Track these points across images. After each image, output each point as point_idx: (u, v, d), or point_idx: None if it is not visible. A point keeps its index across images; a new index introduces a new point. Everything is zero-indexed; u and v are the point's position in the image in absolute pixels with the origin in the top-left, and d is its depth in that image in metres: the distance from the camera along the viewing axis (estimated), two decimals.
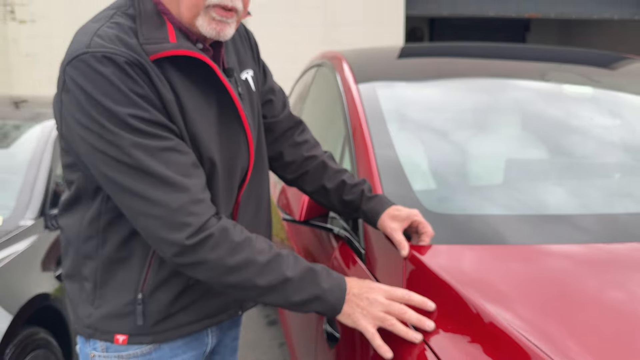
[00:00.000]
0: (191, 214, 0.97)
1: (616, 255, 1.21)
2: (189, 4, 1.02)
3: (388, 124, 1.64)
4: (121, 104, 0.95)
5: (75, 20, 5.98)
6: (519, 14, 5.78)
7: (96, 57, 0.95)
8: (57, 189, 2.50)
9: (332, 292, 1.03)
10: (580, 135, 1.81)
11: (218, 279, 1.01)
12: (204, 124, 1.06)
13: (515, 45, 2.59)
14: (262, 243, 1.04)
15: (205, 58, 1.03)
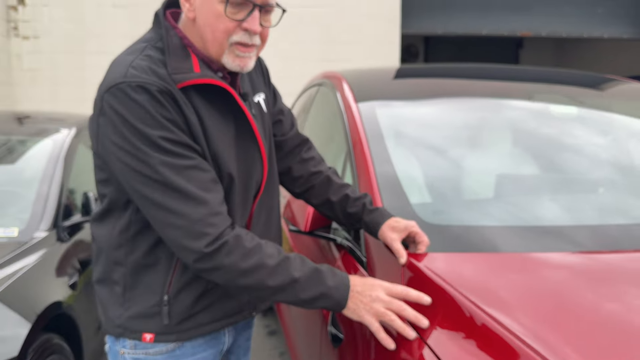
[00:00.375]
0: (210, 224, 1.08)
1: (598, 262, 1.31)
2: (214, 43, 1.14)
3: (386, 140, 1.73)
4: (152, 127, 1.07)
5: (78, 38, 6.10)
6: (511, 32, 5.94)
7: (132, 86, 1.07)
8: (69, 202, 2.59)
9: (337, 289, 1.13)
10: (566, 152, 1.90)
11: (233, 282, 1.11)
12: (224, 142, 1.17)
13: (505, 67, 2.71)
14: (271, 248, 1.15)
15: (225, 85, 1.15)
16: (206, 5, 1.13)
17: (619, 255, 1.33)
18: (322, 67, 5.43)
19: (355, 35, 5.55)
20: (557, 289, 1.18)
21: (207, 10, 1.13)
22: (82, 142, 2.93)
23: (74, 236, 2.50)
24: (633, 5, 6.14)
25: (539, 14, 5.94)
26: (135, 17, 6.04)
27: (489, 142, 2.02)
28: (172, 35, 1.17)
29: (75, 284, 2.32)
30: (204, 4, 1.13)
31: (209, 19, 1.13)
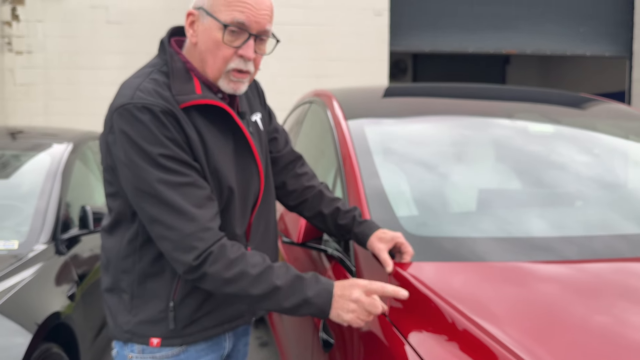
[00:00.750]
0: (199, 239, 1.16)
1: (573, 269, 1.40)
2: (213, 68, 1.25)
3: (374, 156, 1.81)
4: (153, 144, 1.16)
5: (71, 53, 6.17)
6: (497, 50, 6.10)
7: (137, 107, 1.17)
8: (66, 216, 2.66)
9: (319, 296, 1.19)
10: (544, 168, 1.99)
11: (219, 290, 1.19)
12: (224, 157, 1.27)
13: (486, 86, 2.82)
14: (256, 258, 1.21)
15: (223, 105, 1.26)
16: (207, 32, 1.23)
17: (599, 265, 1.41)
18: (312, 83, 5.56)
19: (345, 52, 5.68)
20: (535, 296, 1.27)
21: (208, 37, 1.23)
22: (78, 157, 3.01)
23: (71, 249, 2.57)
24: (613, 24, 6.34)
25: (524, 33, 6.11)
26: (129, 33, 6.13)
27: (471, 159, 2.12)
28: (176, 60, 1.27)
29: (74, 295, 2.38)
30: (205, 31, 1.23)
31: (209, 45, 1.23)
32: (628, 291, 1.30)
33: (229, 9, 1.21)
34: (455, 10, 5.99)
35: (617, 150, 2.23)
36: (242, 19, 1.21)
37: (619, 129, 2.30)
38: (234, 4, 1.21)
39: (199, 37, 1.25)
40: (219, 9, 1.22)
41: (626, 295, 1.28)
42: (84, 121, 5.87)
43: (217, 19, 1.21)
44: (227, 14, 1.21)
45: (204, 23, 1.23)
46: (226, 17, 1.21)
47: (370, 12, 5.67)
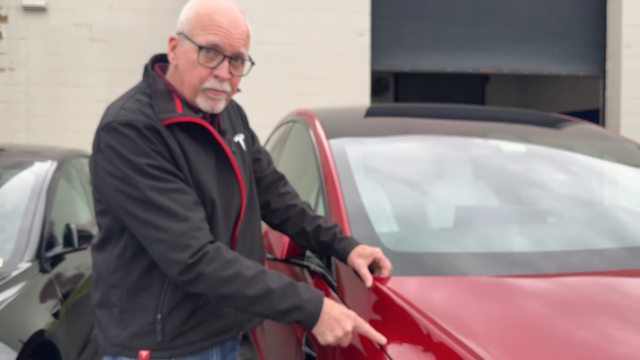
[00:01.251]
0: (192, 237, 1.22)
1: (552, 283, 1.46)
2: (189, 87, 1.33)
3: (355, 175, 1.87)
4: (140, 156, 1.23)
5: (54, 70, 6.16)
6: (475, 70, 6.25)
7: (122, 123, 1.25)
8: (51, 234, 2.67)
9: (311, 303, 1.24)
10: (521, 186, 2.06)
11: (214, 291, 1.23)
12: (205, 171, 1.33)
13: (465, 107, 2.91)
14: (250, 261, 1.27)
15: (202, 122, 1.33)
16: (185, 54, 1.32)
17: (577, 279, 1.47)
18: (294, 101, 5.63)
19: (326, 71, 5.77)
20: (513, 310, 1.32)
21: (186, 59, 1.32)
22: (63, 175, 3.02)
23: (56, 267, 2.58)
24: (587, 45, 6.55)
25: (501, 53, 6.28)
26: (113, 51, 6.16)
27: (449, 177, 2.19)
28: (159, 82, 1.36)
29: (58, 312, 2.39)
30: (184, 53, 1.32)
31: (187, 66, 1.32)
32: (607, 305, 1.35)
33: (205, 32, 1.29)
34: (435, 31, 6.14)
35: (589, 168, 2.32)
36: (216, 41, 1.29)
37: (590, 148, 2.39)
38: (209, 27, 1.29)
39: (179, 59, 1.33)
40: (196, 32, 1.30)
41: (605, 309, 1.33)
42: (66, 138, 5.86)
43: (194, 41, 1.30)
44: (203, 37, 1.29)
45: (183, 46, 1.32)
46: (202, 40, 1.29)
47: (352, 33, 5.79)
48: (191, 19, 1.32)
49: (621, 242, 1.74)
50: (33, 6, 6.04)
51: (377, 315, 1.36)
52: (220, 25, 1.30)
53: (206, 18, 1.30)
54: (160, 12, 6.20)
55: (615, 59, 6.41)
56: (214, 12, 1.31)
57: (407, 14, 6.08)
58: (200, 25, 1.30)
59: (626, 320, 1.29)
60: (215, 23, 1.30)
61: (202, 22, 1.30)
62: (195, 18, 1.31)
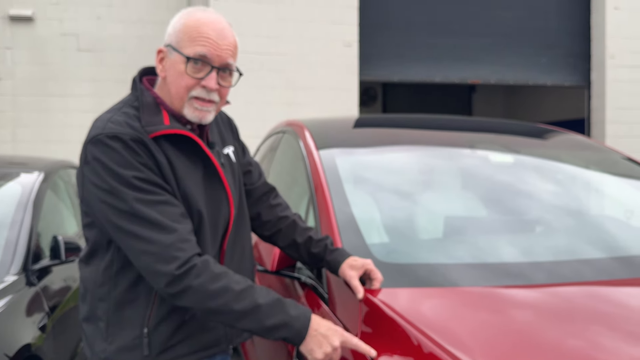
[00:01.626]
0: (179, 249, 1.21)
1: (542, 293, 1.47)
2: (177, 97, 1.33)
3: (345, 185, 1.87)
4: (127, 168, 1.23)
5: (41, 80, 6.12)
6: (462, 80, 6.32)
7: (108, 136, 1.25)
8: (37, 246, 2.64)
9: (298, 319, 1.23)
10: (510, 196, 2.08)
11: (201, 304, 1.22)
12: (193, 183, 1.33)
13: (452, 118, 2.93)
14: (237, 276, 1.26)
15: (189, 134, 1.33)
16: (173, 66, 1.33)
17: (567, 289, 1.48)
18: (283, 111, 5.64)
19: (315, 81, 5.79)
20: (504, 320, 1.33)
21: (174, 70, 1.33)
22: (50, 187, 2.99)
23: (42, 279, 2.54)
24: (572, 55, 6.65)
25: (487, 63, 6.36)
26: (100, 61, 6.13)
27: (439, 187, 2.21)
28: (147, 95, 1.36)
29: (45, 326, 2.36)
30: (172, 65, 1.33)
31: (174, 77, 1.32)
32: (597, 314, 1.36)
33: (193, 44, 1.30)
34: (422, 42, 6.20)
35: (575, 178, 2.35)
36: (204, 52, 1.30)
37: (576, 158, 2.42)
38: (197, 38, 1.30)
39: (167, 71, 1.34)
40: (184, 44, 1.31)
41: (596, 318, 1.34)
42: (53, 149, 5.81)
43: (182, 53, 1.31)
44: (190, 48, 1.30)
45: (171, 58, 1.33)
46: (189, 51, 1.30)
47: (340, 43, 5.82)
48: (179, 31, 1.33)
49: (609, 252, 1.76)
50: (20, 16, 6.01)
51: (368, 327, 1.36)
52: (207, 36, 1.31)
53: (194, 30, 1.31)
54: (147, 23, 6.19)
55: (600, 69, 6.51)
56: (202, 24, 1.32)
57: (395, 25, 6.13)
58: (188, 36, 1.31)
59: (616, 330, 1.30)
60: (203, 34, 1.31)
61: (190, 34, 1.31)
62: (182, 30, 1.32)
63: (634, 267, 1.63)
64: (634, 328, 1.30)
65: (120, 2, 6.16)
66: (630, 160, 2.39)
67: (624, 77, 6.44)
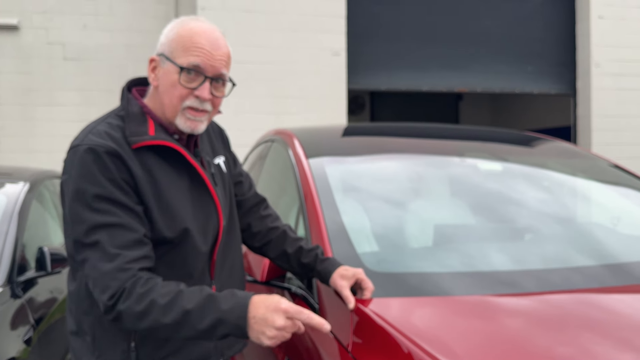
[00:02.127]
0: (114, 279, 1.17)
1: (533, 301, 1.47)
2: (170, 107, 1.32)
3: (335, 194, 1.87)
4: (91, 184, 1.22)
5: (26, 89, 6.05)
6: (449, 89, 6.37)
7: (83, 148, 1.24)
8: (23, 258, 2.59)
9: (232, 312, 1.14)
10: (499, 203, 2.09)
11: (135, 326, 1.18)
12: (177, 194, 1.31)
13: (441, 126, 2.95)
14: (169, 287, 1.18)
15: (173, 145, 1.31)
16: (166, 75, 1.32)
17: (559, 296, 1.48)
18: (273, 120, 5.64)
19: (304, 90, 5.80)
20: (496, 329, 1.33)
21: (167, 80, 1.31)
22: (35, 197, 2.95)
23: (28, 291, 2.50)
24: (558, 64, 6.73)
25: (474, 72, 6.41)
26: (86, 70, 6.09)
27: (428, 195, 2.21)
28: (133, 104, 1.35)
29: (30, 339, 2.31)
30: (165, 74, 1.32)
31: (167, 86, 1.31)
32: (588, 322, 1.37)
33: (186, 53, 1.29)
34: (409, 51, 6.25)
35: (563, 185, 2.37)
36: (197, 62, 1.29)
37: (563, 166, 2.44)
38: (191, 48, 1.29)
39: (160, 80, 1.33)
40: (178, 54, 1.30)
41: (587, 326, 1.35)
42: (39, 158, 5.75)
43: (175, 62, 1.30)
44: (184, 58, 1.29)
45: (164, 67, 1.32)
46: (183, 61, 1.29)
47: (329, 52, 5.85)
48: (172, 41, 1.32)
49: (598, 259, 1.77)
50: (5, 25, 5.95)
51: (360, 337, 1.35)
52: (201, 46, 1.30)
53: (187, 39, 1.30)
54: (134, 31, 6.17)
55: (585, 77, 6.59)
56: (195, 34, 1.31)
57: (382, 35, 6.18)
58: (182, 46, 1.30)
59: (607, 337, 1.30)
60: (197, 44, 1.30)
61: (184, 44, 1.30)
62: (176, 39, 1.31)
63: (623, 274, 1.64)
64: (623, 334, 1.31)
65: (106, 10, 6.14)
66: (617, 168, 2.41)
67: (609, 85, 6.53)
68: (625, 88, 6.56)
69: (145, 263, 1.22)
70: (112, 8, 6.14)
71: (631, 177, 2.34)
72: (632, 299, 1.53)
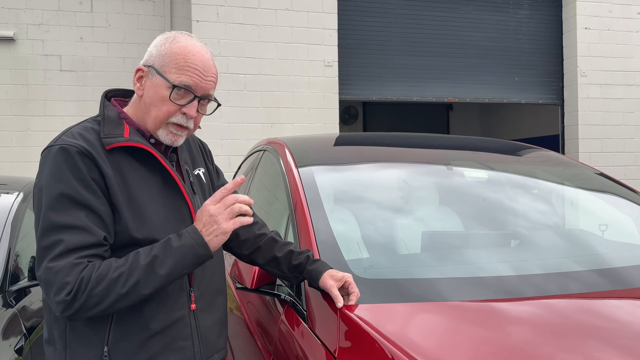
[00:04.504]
0: (69, 274, 1.17)
1: (517, 306, 1.48)
2: (155, 120, 1.35)
3: (324, 202, 1.89)
4: (58, 181, 1.22)
5: (22, 100, 6.06)
6: (438, 98, 6.44)
7: (55, 148, 1.25)
8: (16, 267, 2.60)
9: (188, 238, 1.25)
10: (485, 211, 2.11)
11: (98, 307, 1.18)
12: (147, 194, 1.31)
13: (431, 135, 2.98)
14: (118, 261, 1.21)
15: (146, 147, 1.33)
16: (155, 88, 1.34)
17: (543, 301, 1.49)
18: (266, 130, 5.69)
19: (296, 101, 5.86)
20: (480, 333, 1.34)
21: (155, 92, 1.34)
22: (29, 206, 2.97)
23: (20, 301, 2.51)
24: (545, 74, 6.83)
25: (463, 82, 6.50)
26: (83, 81, 6.13)
27: (417, 203, 2.23)
28: (110, 109, 1.38)
29: (22, 348, 2.32)
30: (153, 87, 1.34)
31: (155, 99, 1.34)
32: (582, 325, 1.38)
33: (179, 72, 1.32)
34: (399, 62, 6.33)
35: (551, 193, 2.40)
36: (189, 83, 1.33)
37: (550, 174, 2.48)
38: (184, 68, 1.32)
39: (146, 91, 1.35)
40: (169, 69, 1.33)
41: (580, 329, 1.36)
42: (35, 168, 5.70)
43: (167, 78, 1.32)
44: (176, 76, 1.32)
45: (153, 80, 1.34)
46: (175, 79, 1.32)
47: (321, 64, 5.91)
48: (164, 56, 1.34)
49: (588, 265, 1.77)
50: (1, 36, 5.98)
51: (347, 343, 1.36)
52: (195, 67, 1.33)
53: (181, 58, 1.33)
54: (130, 44, 6.22)
55: (572, 87, 6.69)
56: (189, 52, 1.34)
57: (373, 46, 6.26)
58: (175, 64, 1.33)
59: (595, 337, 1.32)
60: (191, 65, 1.33)
61: (177, 61, 1.33)
62: (169, 56, 1.34)
63: (612, 279, 1.65)
64: (610, 335, 1.32)
65: (103, 23, 6.19)
66: (603, 175, 2.45)
67: (595, 94, 6.63)
68: (611, 97, 6.66)
69: (97, 260, 1.22)
70: (108, 20, 6.19)
71: (616, 184, 2.37)
72: (619, 302, 1.55)
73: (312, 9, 5.87)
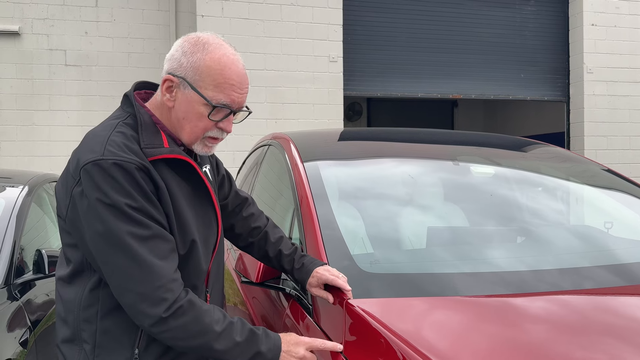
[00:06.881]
0: (168, 290, 1.19)
1: (521, 302, 1.48)
2: (191, 135, 1.32)
3: (330, 197, 1.88)
4: (122, 196, 1.19)
5: (27, 95, 6.08)
6: (443, 95, 6.43)
7: (108, 163, 1.19)
8: (20, 260, 2.61)
9: (270, 351, 1.28)
10: (491, 206, 2.10)
11: (183, 342, 1.21)
12: (186, 205, 1.31)
13: (435, 131, 2.97)
14: (218, 313, 1.26)
15: (190, 160, 1.32)
16: (189, 103, 1.29)
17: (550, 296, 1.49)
18: (270, 125, 5.68)
19: (302, 97, 5.86)
20: (484, 328, 1.35)
21: (190, 108, 1.29)
22: (34, 200, 2.98)
23: (25, 294, 2.52)
24: (551, 71, 6.80)
25: (468, 79, 6.48)
26: (88, 76, 6.13)
27: (422, 198, 2.22)
28: (143, 113, 1.32)
29: (26, 341, 2.33)
30: (187, 101, 1.29)
31: (191, 116, 1.30)
32: (591, 320, 1.38)
33: (217, 90, 1.27)
34: (404, 58, 6.32)
35: (557, 189, 2.39)
36: (228, 102, 1.29)
37: (557, 170, 2.46)
38: (222, 86, 1.27)
39: (178, 104, 1.30)
40: (205, 86, 1.27)
41: (589, 323, 1.36)
42: (39, 163, 5.78)
43: (204, 95, 1.27)
44: (214, 94, 1.27)
45: (186, 93, 1.28)
46: (213, 96, 1.27)
47: (326, 59, 5.90)
48: (198, 69, 1.27)
49: (594, 260, 1.77)
50: (6, 31, 6.00)
51: (353, 337, 1.36)
52: (232, 84, 1.28)
53: (217, 74, 1.27)
54: (135, 38, 6.22)
55: (578, 84, 6.66)
56: (225, 67, 1.28)
57: (378, 42, 6.24)
58: (211, 80, 1.27)
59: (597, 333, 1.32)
60: (228, 81, 1.28)
61: (214, 78, 1.27)
62: (204, 71, 1.27)
63: (623, 275, 1.64)
64: (627, 333, 1.32)
65: (108, 17, 6.19)
66: (609, 172, 2.44)
67: (601, 91, 6.60)
68: (617, 94, 6.63)
69: (179, 271, 1.25)
70: (113, 15, 6.19)
71: (624, 181, 2.36)
72: (632, 299, 1.55)
73: (317, 4, 5.86)
